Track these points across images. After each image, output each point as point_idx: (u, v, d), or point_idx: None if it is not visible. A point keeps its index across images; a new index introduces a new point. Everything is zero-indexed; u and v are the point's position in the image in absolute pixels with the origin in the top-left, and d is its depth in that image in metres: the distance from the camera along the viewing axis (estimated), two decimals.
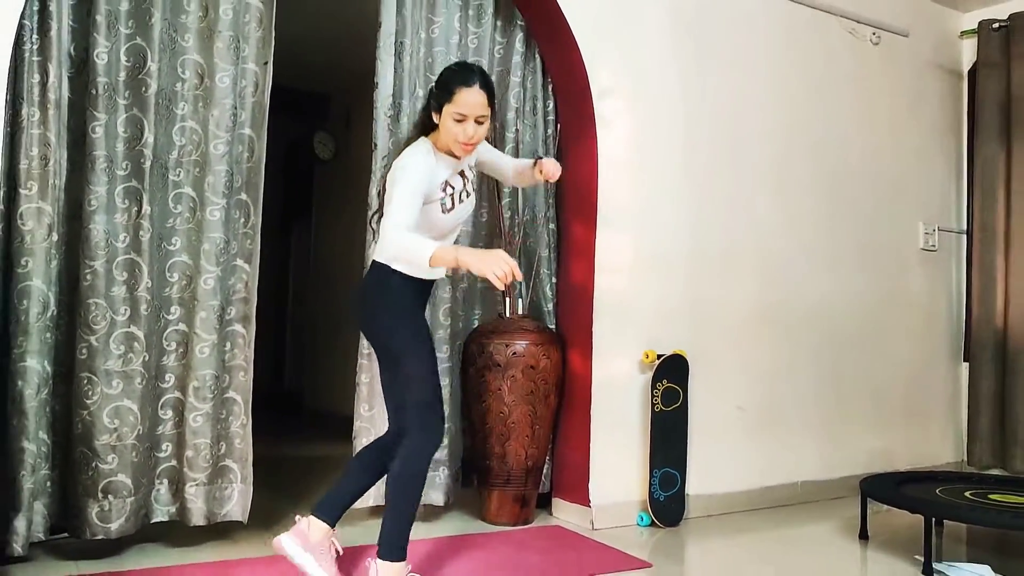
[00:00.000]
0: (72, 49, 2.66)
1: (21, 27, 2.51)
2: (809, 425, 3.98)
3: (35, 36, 2.55)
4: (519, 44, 3.47)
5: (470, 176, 2.55)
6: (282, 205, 6.99)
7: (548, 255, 3.53)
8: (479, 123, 2.37)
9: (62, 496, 2.65)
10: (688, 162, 3.63)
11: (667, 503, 3.38)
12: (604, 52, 3.42)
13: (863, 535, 3.25)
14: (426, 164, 2.35)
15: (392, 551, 2.31)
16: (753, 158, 3.84)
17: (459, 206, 2.47)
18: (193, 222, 2.80)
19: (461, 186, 2.48)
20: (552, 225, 3.56)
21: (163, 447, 2.77)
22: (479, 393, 3.23)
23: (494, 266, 2.11)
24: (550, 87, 3.58)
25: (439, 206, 2.40)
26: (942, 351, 4.58)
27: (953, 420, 4.59)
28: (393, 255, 2.31)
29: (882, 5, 4.34)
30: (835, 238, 4.13)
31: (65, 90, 2.62)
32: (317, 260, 6.81)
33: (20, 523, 2.47)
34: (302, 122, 6.44)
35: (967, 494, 3.11)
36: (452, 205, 2.44)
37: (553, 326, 3.51)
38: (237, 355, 2.85)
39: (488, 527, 3.23)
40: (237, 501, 2.84)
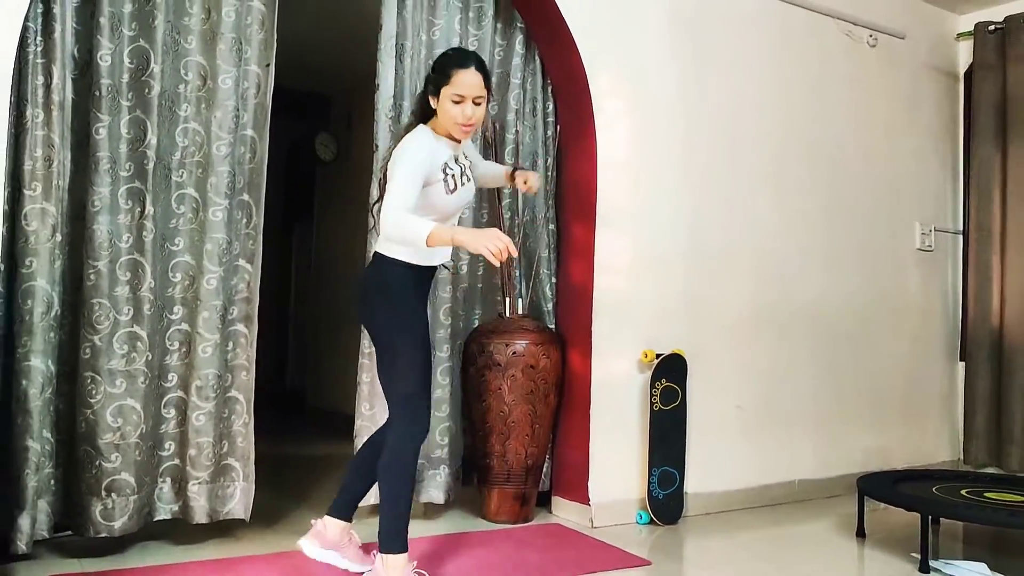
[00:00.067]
0: (76, 51, 2.67)
1: (25, 29, 2.53)
2: (807, 424, 4.00)
3: (39, 38, 2.57)
4: (519, 46, 3.49)
5: (466, 164, 2.56)
6: (284, 206, 7.00)
7: (548, 255, 3.55)
8: (477, 104, 2.40)
9: (66, 494, 2.66)
10: (686, 163, 3.65)
11: (666, 501, 3.40)
12: (603, 54, 3.45)
13: (860, 533, 3.27)
14: (428, 146, 2.38)
15: (392, 544, 2.33)
16: (751, 159, 3.86)
17: (461, 188, 2.48)
18: (196, 223, 2.82)
19: (460, 171, 2.49)
20: (552, 226, 3.58)
21: (166, 446, 2.78)
22: (479, 392, 3.25)
23: (489, 243, 2.14)
24: (550, 89, 3.60)
25: (443, 186, 2.41)
26: (938, 350, 4.61)
27: (949, 419, 4.61)
28: (391, 234, 2.27)
29: (879, 7, 4.37)
30: (832, 238, 4.15)
31: (69, 92, 2.64)
32: (319, 260, 6.82)
33: (24, 521, 2.49)
34: (304, 123, 6.46)
35: (963, 492, 3.13)
36: (455, 186, 2.45)
37: (553, 326, 3.53)
38: (239, 354, 2.87)
39: (488, 525, 3.25)
40: (239, 499, 2.86)
